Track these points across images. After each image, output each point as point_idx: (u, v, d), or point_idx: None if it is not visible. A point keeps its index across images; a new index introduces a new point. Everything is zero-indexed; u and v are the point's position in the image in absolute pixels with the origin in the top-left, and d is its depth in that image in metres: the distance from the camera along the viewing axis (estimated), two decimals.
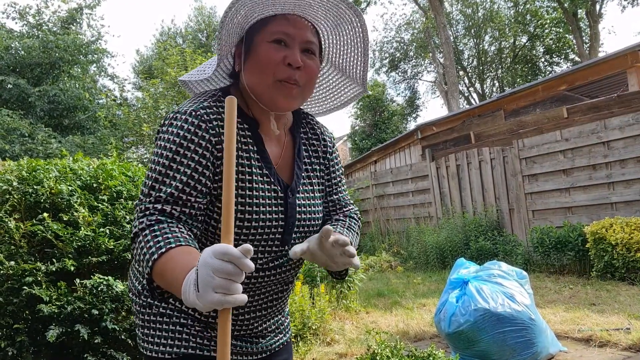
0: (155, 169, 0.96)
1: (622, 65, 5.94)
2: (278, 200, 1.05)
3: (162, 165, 0.96)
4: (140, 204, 0.95)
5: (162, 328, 1.05)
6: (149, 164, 1.00)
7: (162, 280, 0.85)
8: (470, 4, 22.46)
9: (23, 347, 2.03)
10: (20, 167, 2.43)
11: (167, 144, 0.97)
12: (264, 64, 1.01)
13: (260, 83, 1.02)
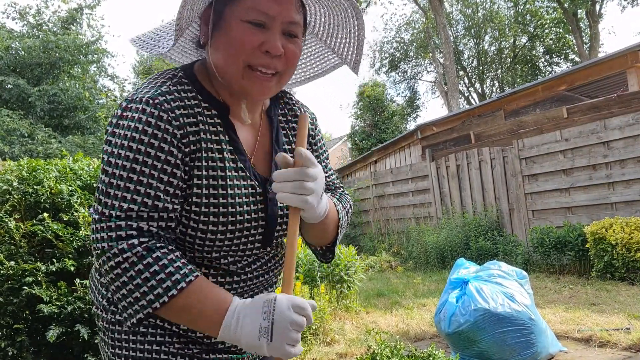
0: (115, 174, 0.80)
1: (622, 65, 5.94)
2: (257, 197, 0.91)
3: (124, 168, 0.80)
4: (107, 218, 0.79)
5: (137, 348, 0.90)
6: (103, 165, 0.82)
7: (180, 314, 0.79)
8: (470, 4, 22.46)
9: (23, 347, 2.03)
10: (20, 167, 2.43)
11: (125, 141, 0.80)
12: (236, 47, 0.83)
13: (229, 68, 0.85)
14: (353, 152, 16.53)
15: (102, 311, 0.95)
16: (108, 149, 0.83)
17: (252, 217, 0.91)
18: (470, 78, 24.30)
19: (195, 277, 0.80)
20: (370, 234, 9.53)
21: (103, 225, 0.79)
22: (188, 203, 0.86)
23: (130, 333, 0.91)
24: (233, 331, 0.77)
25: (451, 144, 8.19)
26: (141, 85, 0.89)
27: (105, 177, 0.81)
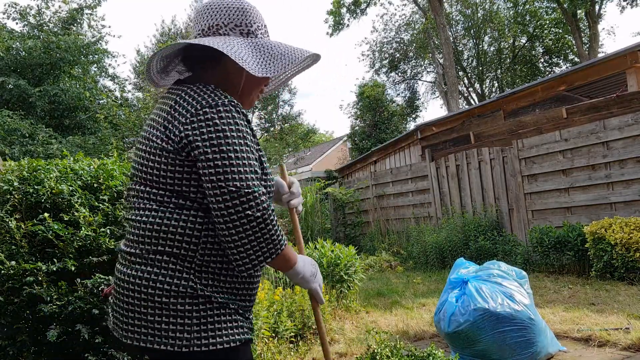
0: (241, 156, 1.12)
1: (622, 66, 5.95)
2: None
3: (243, 151, 1.13)
4: (256, 186, 1.11)
5: (224, 320, 1.17)
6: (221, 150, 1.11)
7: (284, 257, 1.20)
8: (470, 4, 22.47)
9: (24, 347, 2.03)
10: (21, 167, 2.44)
11: (236, 133, 1.13)
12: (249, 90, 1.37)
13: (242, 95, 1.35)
14: (353, 152, 16.54)
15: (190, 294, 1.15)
16: (227, 133, 1.13)
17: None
18: (469, 78, 24.30)
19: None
20: (370, 234, 9.53)
21: (249, 193, 1.10)
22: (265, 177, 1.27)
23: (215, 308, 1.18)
24: (301, 268, 1.27)
25: (451, 144, 8.20)
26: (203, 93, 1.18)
27: (235, 161, 1.12)
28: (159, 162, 1.17)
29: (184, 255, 1.15)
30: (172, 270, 1.15)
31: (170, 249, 1.15)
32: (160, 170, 1.17)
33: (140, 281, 1.15)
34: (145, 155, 1.20)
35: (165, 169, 1.16)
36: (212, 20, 1.28)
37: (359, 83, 19.94)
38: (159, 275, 1.15)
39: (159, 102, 1.28)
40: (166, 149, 1.16)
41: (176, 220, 1.15)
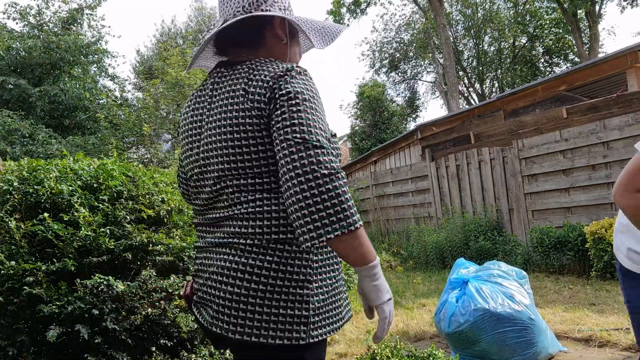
0: (317, 117, 1.07)
1: (622, 66, 5.94)
2: None
3: (319, 113, 1.09)
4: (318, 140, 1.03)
5: (339, 303, 1.17)
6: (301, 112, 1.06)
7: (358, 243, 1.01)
8: (470, 4, 22.46)
9: (23, 347, 2.03)
10: (21, 167, 2.44)
11: (312, 96, 1.10)
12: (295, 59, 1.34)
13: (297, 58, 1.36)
14: (353, 152, 16.53)
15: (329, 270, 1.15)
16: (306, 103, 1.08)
17: None
18: (470, 78, 24.30)
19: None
20: (370, 234, 9.53)
21: (325, 148, 1.02)
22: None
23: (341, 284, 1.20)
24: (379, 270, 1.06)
25: (451, 144, 8.20)
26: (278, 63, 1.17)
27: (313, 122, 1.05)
28: (254, 146, 1.11)
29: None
30: (292, 259, 1.10)
31: (290, 234, 1.10)
32: (258, 154, 1.11)
33: (260, 271, 1.08)
34: (234, 146, 1.13)
35: (262, 149, 1.11)
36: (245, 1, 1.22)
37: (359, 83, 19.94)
38: (279, 264, 1.09)
39: (216, 88, 1.22)
40: (251, 121, 1.11)
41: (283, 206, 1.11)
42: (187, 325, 2.24)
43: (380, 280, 1.05)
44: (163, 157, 9.18)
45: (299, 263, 1.10)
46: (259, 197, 1.12)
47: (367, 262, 1.03)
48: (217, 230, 1.20)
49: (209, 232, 1.24)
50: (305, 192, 0.97)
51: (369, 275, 1.04)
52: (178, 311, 2.25)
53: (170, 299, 2.26)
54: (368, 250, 1.03)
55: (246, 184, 1.13)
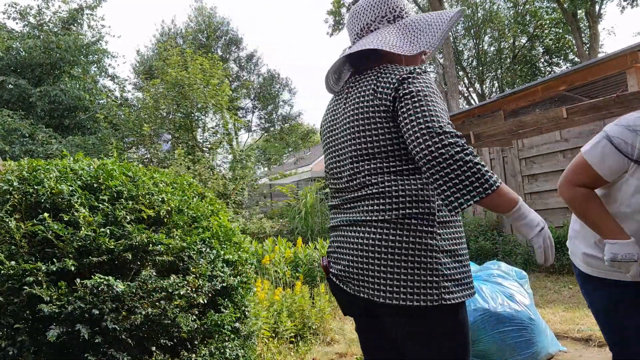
0: (435, 103, 1.25)
1: (622, 66, 5.94)
2: None
3: (439, 103, 1.27)
4: (440, 127, 1.19)
5: (465, 274, 1.33)
6: (418, 104, 1.25)
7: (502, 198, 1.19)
8: (470, 4, 22.46)
9: (24, 347, 2.03)
10: (20, 167, 2.44)
11: (433, 89, 1.29)
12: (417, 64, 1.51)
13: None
14: None
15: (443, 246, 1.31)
16: (424, 89, 1.28)
17: None
18: (470, 78, 24.30)
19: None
20: None
21: (449, 132, 1.18)
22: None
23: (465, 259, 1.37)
24: (526, 210, 1.23)
25: None
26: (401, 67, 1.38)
27: (436, 112, 1.23)
28: (382, 135, 1.33)
29: (427, 215, 1.29)
30: (420, 232, 1.29)
31: (415, 210, 1.29)
32: (386, 142, 1.33)
33: (393, 243, 1.29)
34: (365, 136, 1.36)
35: (389, 137, 1.32)
36: (362, 22, 1.48)
37: None
38: (409, 237, 1.28)
39: (350, 91, 1.47)
40: (379, 115, 1.33)
41: (412, 184, 1.30)
42: (187, 325, 2.24)
43: (527, 219, 1.22)
44: (163, 157, 9.18)
45: (425, 235, 1.28)
46: (387, 179, 1.32)
47: (510, 209, 1.20)
48: (350, 210, 1.41)
49: (343, 212, 1.45)
50: (443, 171, 1.16)
51: (516, 218, 1.22)
52: (178, 311, 2.25)
53: (170, 299, 2.26)
54: (509, 200, 1.20)
55: (375, 167, 1.34)
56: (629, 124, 1.51)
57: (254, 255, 3.27)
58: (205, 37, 22.84)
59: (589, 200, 1.57)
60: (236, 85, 21.52)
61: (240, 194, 8.82)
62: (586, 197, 1.58)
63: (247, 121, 22.88)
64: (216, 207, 2.82)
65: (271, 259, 4.50)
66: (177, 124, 10.16)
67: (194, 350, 2.31)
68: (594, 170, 1.58)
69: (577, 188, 1.60)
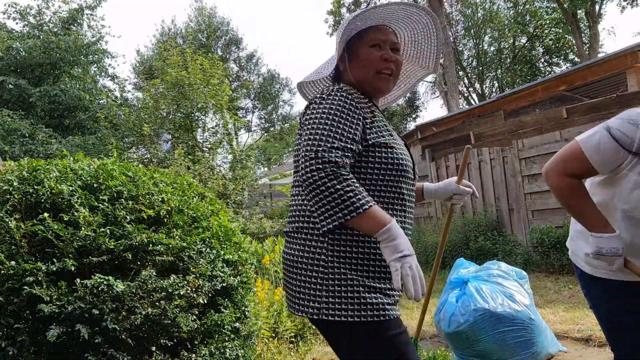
0: (321, 128, 1.26)
1: (622, 66, 5.94)
2: (405, 147, 1.46)
3: (328, 124, 1.27)
4: (316, 152, 1.22)
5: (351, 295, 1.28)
6: (307, 129, 1.29)
7: (367, 221, 1.20)
8: (470, 4, 22.46)
9: (24, 347, 2.03)
10: (20, 167, 2.44)
11: (328, 110, 1.29)
12: (369, 61, 1.42)
13: (367, 75, 1.43)
14: None
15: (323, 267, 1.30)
16: (310, 120, 1.31)
17: (407, 158, 1.41)
18: (470, 78, 24.29)
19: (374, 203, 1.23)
20: None
21: (317, 155, 1.22)
22: (385, 144, 1.35)
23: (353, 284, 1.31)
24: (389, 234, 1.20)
25: (451, 144, 8.20)
26: (323, 91, 1.38)
27: (312, 132, 1.27)
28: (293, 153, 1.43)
29: (316, 229, 1.32)
30: (309, 247, 1.32)
31: (305, 224, 1.34)
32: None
33: (290, 257, 1.37)
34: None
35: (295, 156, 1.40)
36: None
37: None
38: (299, 250, 1.34)
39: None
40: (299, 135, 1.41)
41: (305, 199, 1.33)
42: (187, 325, 2.24)
43: (392, 243, 1.20)
44: (163, 157, 9.18)
45: (312, 250, 1.31)
46: (294, 192, 1.42)
47: (376, 232, 1.21)
48: None
49: None
50: (310, 195, 1.22)
51: (382, 240, 1.22)
52: (178, 311, 2.25)
53: (170, 299, 2.26)
54: (375, 223, 1.21)
55: (294, 181, 1.44)
56: (630, 118, 1.45)
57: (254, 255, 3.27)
58: (205, 37, 22.84)
59: (576, 191, 1.54)
60: (236, 85, 21.51)
61: (240, 194, 8.81)
62: (574, 188, 1.54)
63: (247, 121, 22.88)
64: (216, 207, 2.82)
65: (271, 259, 4.50)
66: (177, 124, 10.16)
67: (194, 350, 2.31)
68: (586, 160, 1.51)
69: (566, 177, 1.54)
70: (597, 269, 1.66)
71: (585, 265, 1.70)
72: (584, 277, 1.74)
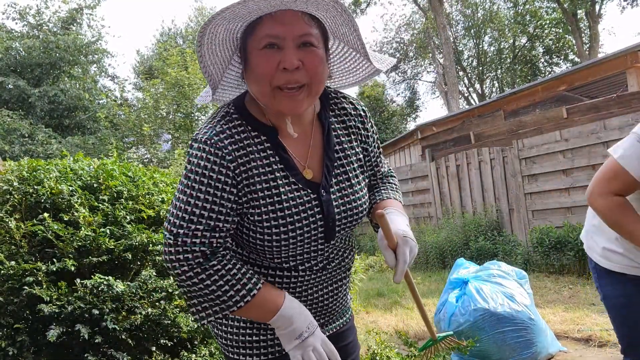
0: (184, 200, 0.99)
1: (622, 66, 5.95)
2: (312, 203, 1.04)
3: (191, 196, 0.98)
4: (176, 236, 0.97)
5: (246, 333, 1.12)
6: (176, 192, 1.03)
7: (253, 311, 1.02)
8: (470, 4, 22.46)
9: (24, 347, 2.03)
10: (21, 167, 2.44)
11: (192, 175, 0.99)
12: (259, 74, 0.96)
13: (261, 92, 0.98)
14: None
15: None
16: (182, 176, 1.02)
17: (310, 221, 1.04)
18: (470, 78, 24.30)
19: (259, 290, 1.01)
20: (370, 234, 9.53)
21: (172, 241, 0.97)
22: (252, 219, 1.02)
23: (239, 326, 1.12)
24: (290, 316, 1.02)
25: (451, 144, 8.20)
26: (204, 124, 1.05)
27: (176, 202, 1.00)
28: None
29: None
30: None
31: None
32: None
33: None
34: None
35: None
36: None
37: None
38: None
39: None
40: None
41: None
42: (187, 325, 2.24)
43: (289, 329, 1.02)
44: (163, 157, 9.18)
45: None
46: None
47: (266, 321, 1.04)
48: None
49: None
50: (180, 285, 1.02)
51: (276, 328, 1.04)
52: (178, 311, 2.25)
53: (170, 299, 2.26)
54: (260, 314, 1.03)
55: None
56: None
57: None
58: None
59: (624, 209, 1.53)
60: None
61: None
62: (622, 207, 1.53)
63: None
64: None
65: None
66: (177, 124, 10.17)
67: (194, 350, 2.30)
68: (629, 175, 1.51)
69: (613, 197, 1.53)
70: (614, 263, 1.68)
71: (601, 259, 1.73)
72: (598, 270, 1.77)
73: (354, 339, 1.30)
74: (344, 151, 1.12)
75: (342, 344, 1.23)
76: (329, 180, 1.07)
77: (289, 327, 1.01)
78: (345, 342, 1.25)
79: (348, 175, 1.11)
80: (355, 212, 1.10)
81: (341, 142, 1.12)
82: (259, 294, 0.99)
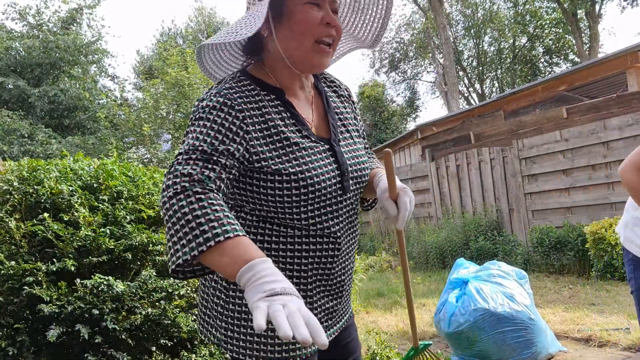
0: (185, 142, 0.99)
1: (622, 66, 5.95)
2: (327, 153, 1.09)
3: (192, 136, 0.98)
4: (171, 167, 0.95)
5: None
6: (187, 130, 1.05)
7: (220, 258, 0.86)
8: (470, 4, 22.46)
9: (24, 347, 2.03)
10: (20, 167, 2.44)
11: (197, 120, 1.00)
12: (306, 25, 1.03)
13: (300, 46, 1.04)
14: None
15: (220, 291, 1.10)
16: (189, 122, 1.03)
17: (327, 169, 1.07)
18: (470, 78, 24.30)
19: (237, 236, 0.87)
20: (370, 234, 9.53)
21: (171, 170, 0.94)
22: (275, 168, 1.01)
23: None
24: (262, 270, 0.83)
25: (451, 144, 8.20)
26: (211, 87, 1.08)
27: (187, 138, 1.00)
28: None
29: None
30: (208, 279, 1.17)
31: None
32: None
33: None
34: None
35: None
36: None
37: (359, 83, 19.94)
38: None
39: None
40: None
41: None
42: (187, 325, 2.24)
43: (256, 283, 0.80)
44: (163, 157, 9.18)
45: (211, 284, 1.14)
46: None
47: (233, 273, 0.84)
48: None
49: None
50: (164, 219, 0.92)
51: (243, 284, 0.83)
52: (178, 311, 2.25)
53: (170, 299, 2.26)
54: (227, 262, 0.85)
55: None
56: None
57: None
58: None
59: None
60: None
61: None
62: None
63: None
64: None
65: None
66: (177, 124, 10.16)
67: (193, 350, 2.30)
68: None
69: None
70: None
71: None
72: (635, 262, 1.79)
73: (355, 337, 1.31)
74: (343, 114, 1.21)
75: (344, 342, 1.24)
76: (337, 136, 1.14)
77: (259, 280, 0.80)
78: (347, 340, 1.26)
79: (350, 134, 1.19)
80: (362, 167, 1.16)
81: (339, 106, 1.22)
82: (237, 239, 0.86)
